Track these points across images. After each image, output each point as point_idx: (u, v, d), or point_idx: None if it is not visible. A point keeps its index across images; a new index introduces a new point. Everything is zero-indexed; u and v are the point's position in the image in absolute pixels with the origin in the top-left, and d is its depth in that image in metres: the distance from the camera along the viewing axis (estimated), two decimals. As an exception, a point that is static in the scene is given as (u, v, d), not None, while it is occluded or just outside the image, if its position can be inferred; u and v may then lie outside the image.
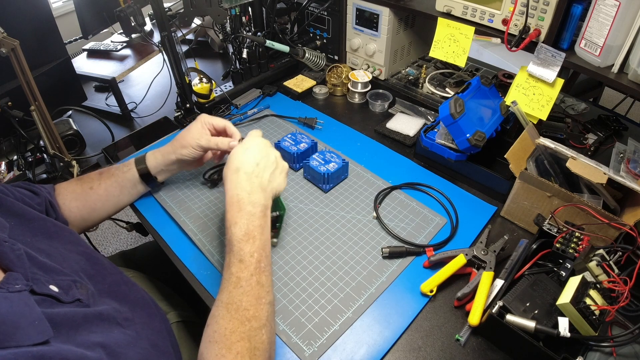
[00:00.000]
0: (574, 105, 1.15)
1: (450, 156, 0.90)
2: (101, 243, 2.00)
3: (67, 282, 0.54)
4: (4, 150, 1.06)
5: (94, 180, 0.82)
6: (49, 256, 0.57)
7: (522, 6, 0.80)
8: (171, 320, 0.80)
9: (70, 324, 0.49)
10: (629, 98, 1.51)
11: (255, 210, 0.64)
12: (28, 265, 0.51)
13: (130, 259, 1.03)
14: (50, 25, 1.04)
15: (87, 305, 0.54)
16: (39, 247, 0.58)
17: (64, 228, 0.67)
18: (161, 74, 1.35)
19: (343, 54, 1.29)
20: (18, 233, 0.58)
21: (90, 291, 0.57)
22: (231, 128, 0.81)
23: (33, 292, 0.49)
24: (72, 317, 0.49)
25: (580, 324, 0.58)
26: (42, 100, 0.90)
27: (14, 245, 0.52)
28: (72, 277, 0.56)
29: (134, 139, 1.13)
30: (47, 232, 0.63)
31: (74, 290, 0.54)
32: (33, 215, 0.64)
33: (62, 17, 2.41)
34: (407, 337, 0.67)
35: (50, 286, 0.51)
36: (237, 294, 0.57)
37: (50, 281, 0.52)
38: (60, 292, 0.52)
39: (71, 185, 0.81)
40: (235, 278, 0.59)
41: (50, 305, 0.49)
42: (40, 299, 0.49)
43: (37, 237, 0.60)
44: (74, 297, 0.53)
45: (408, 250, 0.78)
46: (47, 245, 0.60)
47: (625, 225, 0.67)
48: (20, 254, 0.51)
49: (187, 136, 0.80)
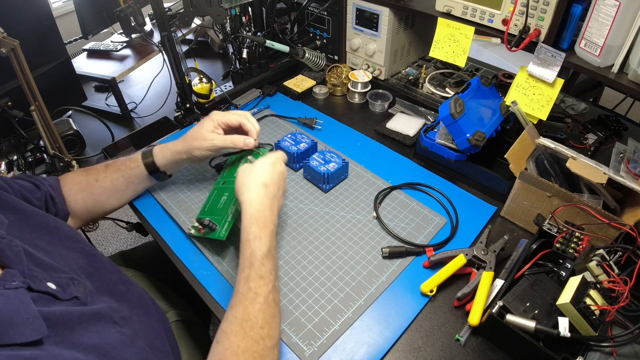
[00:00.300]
0: (574, 105, 1.15)
1: (450, 156, 0.90)
2: (101, 243, 2.00)
3: (64, 280, 0.54)
4: (4, 150, 1.06)
5: (100, 172, 0.81)
6: (47, 253, 0.57)
7: (522, 6, 0.80)
8: (170, 319, 0.80)
9: (66, 323, 0.48)
10: (629, 98, 1.51)
11: (274, 228, 0.65)
12: (26, 262, 0.51)
13: (130, 258, 1.03)
14: (50, 25, 1.04)
15: (84, 303, 0.53)
16: (37, 243, 0.58)
17: (63, 224, 0.67)
18: (161, 74, 1.35)
19: (343, 54, 1.29)
20: (17, 229, 0.57)
21: (88, 289, 0.57)
22: (247, 125, 0.79)
23: (30, 290, 0.48)
24: (69, 316, 0.49)
25: (580, 324, 0.58)
26: (42, 100, 0.90)
27: (12, 242, 0.52)
28: (70, 275, 0.56)
29: (134, 139, 1.13)
30: (46, 229, 0.62)
31: (72, 287, 0.54)
32: (32, 211, 0.63)
33: (62, 17, 2.41)
34: (407, 337, 0.67)
35: (48, 283, 0.51)
36: (254, 311, 0.56)
37: (47, 278, 0.52)
38: (58, 290, 0.51)
39: (77, 176, 0.81)
40: (253, 294, 0.57)
41: (47, 303, 0.49)
42: (37, 297, 0.48)
43: (36, 234, 0.60)
44: (72, 294, 0.53)
45: (408, 250, 0.78)
46: (46, 242, 0.60)
47: (625, 225, 0.67)
48: (18, 251, 0.51)
49: (199, 137, 0.78)
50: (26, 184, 0.70)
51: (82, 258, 0.63)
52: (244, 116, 0.80)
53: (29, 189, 0.70)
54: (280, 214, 0.86)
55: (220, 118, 0.79)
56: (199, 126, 0.80)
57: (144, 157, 0.82)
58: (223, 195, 0.81)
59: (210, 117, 0.79)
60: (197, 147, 0.78)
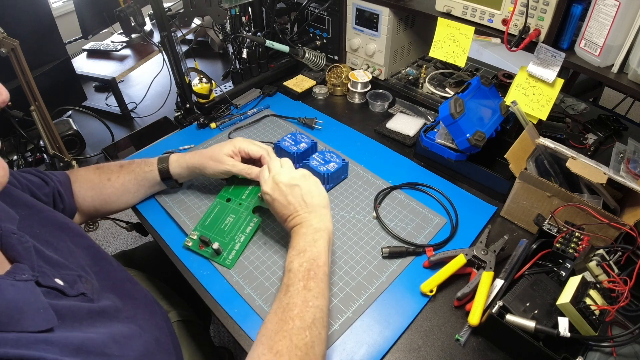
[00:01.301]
0: (574, 105, 1.15)
1: (450, 156, 0.90)
2: (101, 243, 2.00)
3: (72, 277, 0.54)
4: (4, 150, 1.06)
5: (113, 172, 0.81)
6: (55, 250, 0.58)
7: (522, 6, 0.80)
8: (172, 319, 0.80)
9: (75, 317, 0.49)
10: (629, 98, 1.51)
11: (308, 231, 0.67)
12: (35, 258, 0.52)
13: (130, 259, 1.03)
14: (50, 25, 1.04)
15: (91, 300, 0.54)
16: (47, 239, 0.58)
17: (70, 221, 0.67)
18: (161, 74, 1.35)
19: (343, 54, 1.29)
20: (27, 224, 0.58)
21: (95, 286, 0.57)
22: (266, 159, 0.80)
23: (38, 284, 0.49)
24: (77, 311, 0.50)
25: (580, 324, 0.58)
26: (42, 100, 0.90)
27: (22, 238, 0.52)
28: (77, 272, 0.56)
29: (134, 139, 1.13)
30: (56, 224, 0.63)
31: (79, 284, 0.54)
32: (41, 206, 0.64)
33: (62, 17, 2.41)
34: (407, 337, 0.67)
35: (56, 279, 0.52)
36: (285, 299, 0.59)
37: (55, 275, 0.52)
38: (66, 286, 0.52)
39: (89, 173, 0.81)
40: (285, 286, 0.61)
41: (55, 298, 0.50)
42: (45, 291, 0.49)
43: (46, 229, 0.60)
44: (79, 291, 0.53)
45: (408, 250, 0.78)
46: (56, 237, 0.60)
47: (625, 225, 0.67)
48: (28, 247, 0.52)
49: (216, 158, 0.79)
50: (34, 179, 0.71)
51: (89, 255, 0.63)
52: (265, 151, 0.81)
53: (37, 184, 0.70)
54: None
55: (243, 146, 0.80)
56: (219, 147, 0.81)
57: (160, 162, 0.83)
58: (228, 215, 0.81)
59: (233, 142, 0.81)
60: (211, 167, 0.80)
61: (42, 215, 0.62)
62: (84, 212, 0.80)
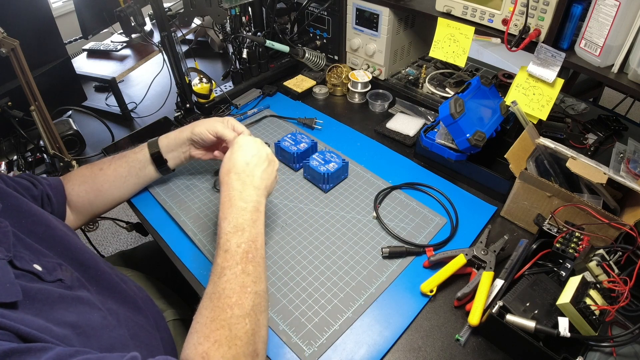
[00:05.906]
0: (574, 105, 1.15)
1: (450, 156, 0.90)
2: (101, 243, 2.00)
3: (52, 264, 0.54)
4: (4, 150, 1.06)
5: (105, 162, 0.84)
6: (40, 240, 0.58)
7: (522, 6, 0.80)
8: (168, 318, 0.80)
9: (45, 300, 0.49)
10: (629, 98, 1.52)
11: (246, 206, 0.64)
12: (12, 241, 0.52)
13: (130, 258, 1.04)
14: (50, 25, 1.04)
15: (68, 287, 0.54)
16: (31, 229, 0.58)
17: (59, 220, 0.67)
18: (161, 74, 1.34)
19: (343, 54, 1.29)
20: (12, 214, 0.58)
21: (75, 276, 0.57)
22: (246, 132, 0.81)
23: (14, 266, 0.49)
24: (48, 294, 0.50)
25: (580, 324, 0.58)
26: (42, 100, 0.90)
27: (2, 223, 0.53)
28: (58, 261, 0.56)
29: (134, 139, 1.13)
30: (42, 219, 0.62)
31: (58, 271, 0.54)
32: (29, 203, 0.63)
33: (62, 17, 2.41)
34: (407, 337, 0.67)
35: (34, 265, 0.52)
36: (221, 283, 0.57)
37: (34, 260, 0.53)
38: (44, 272, 0.52)
39: (82, 169, 0.83)
40: (220, 268, 0.58)
41: (30, 281, 0.50)
42: (20, 274, 0.49)
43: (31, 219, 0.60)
44: (56, 277, 0.53)
45: (408, 250, 0.78)
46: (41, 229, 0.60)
47: (625, 225, 0.67)
48: (6, 232, 0.52)
49: (204, 120, 0.81)
50: (23, 182, 0.71)
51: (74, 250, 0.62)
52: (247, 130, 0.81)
53: (25, 186, 0.70)
54: (280, 213, 0.86)
55: (232, 120, 0.81)
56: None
57: (149, 142, 0.85)
58: None
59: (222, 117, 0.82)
60: (199, 125, 0.81)
61: (29, 209, 0.62)
62: (80, 210, 0.80)
